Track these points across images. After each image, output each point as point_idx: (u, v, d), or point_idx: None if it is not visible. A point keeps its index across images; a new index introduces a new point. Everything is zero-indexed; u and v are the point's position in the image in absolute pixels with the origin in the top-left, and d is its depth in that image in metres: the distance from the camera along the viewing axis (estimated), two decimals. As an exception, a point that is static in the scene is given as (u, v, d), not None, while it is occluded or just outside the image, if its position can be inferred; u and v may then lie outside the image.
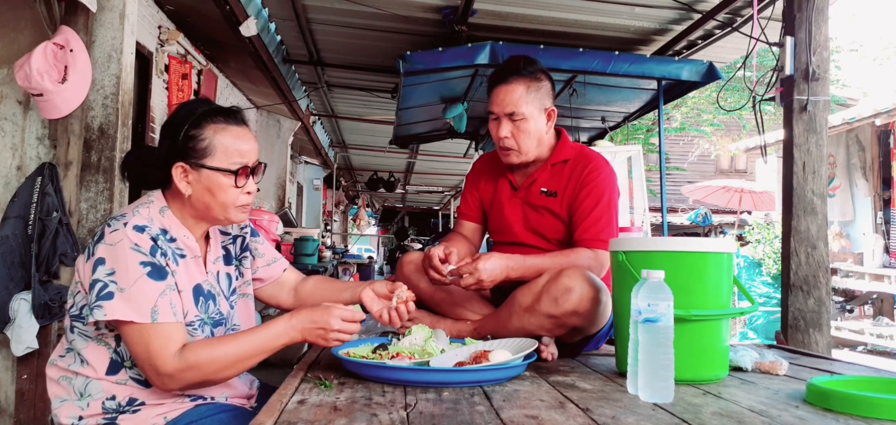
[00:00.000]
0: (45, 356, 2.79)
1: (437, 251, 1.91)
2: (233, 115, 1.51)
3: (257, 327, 1.45)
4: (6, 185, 2.99)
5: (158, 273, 1.37)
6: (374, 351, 1.62)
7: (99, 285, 1.33)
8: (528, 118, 2.03)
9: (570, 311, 1.77)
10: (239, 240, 1.68)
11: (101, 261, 1.35)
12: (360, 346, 1.68)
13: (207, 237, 1.58)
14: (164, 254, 1.40)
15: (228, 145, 1.46)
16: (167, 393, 1.42)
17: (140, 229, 1.38)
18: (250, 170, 1.50)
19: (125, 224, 1.37)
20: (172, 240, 1.46)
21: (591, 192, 2.03)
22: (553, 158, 2.11)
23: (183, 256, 1.47)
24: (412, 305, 1.59)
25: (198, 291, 1.48)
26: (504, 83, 2.04)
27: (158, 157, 1.49)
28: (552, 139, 2.15)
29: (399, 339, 1.66)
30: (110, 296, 1.32)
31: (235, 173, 1.46)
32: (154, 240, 1.39)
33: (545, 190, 2.11)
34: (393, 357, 1.55)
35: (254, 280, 1.71)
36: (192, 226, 1.51)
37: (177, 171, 1.45)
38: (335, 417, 1.13)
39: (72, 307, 1.44)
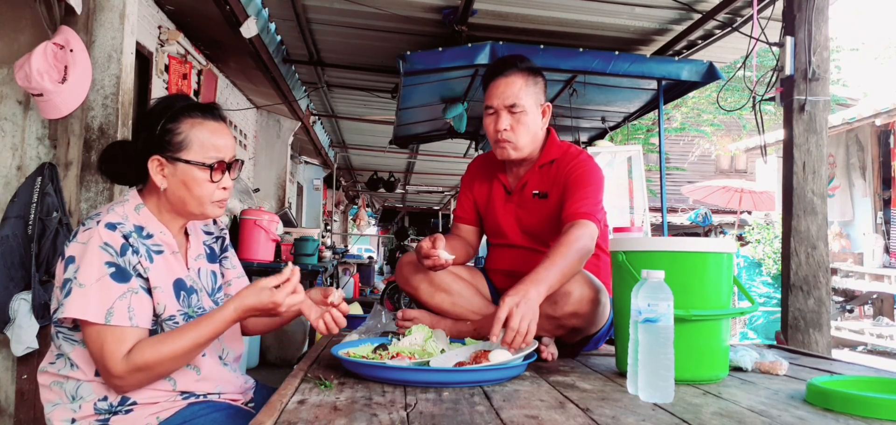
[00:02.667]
0: (45, 356, 2.79)
1: (425, 242, 1.91)
2: (210, 111, 1.51)
3: (203, 317, 1.42)
4: (6, 185, 2.99)
5: (122, 275, 1.36)
6: (374, 351, 1.62)
7: (66, 284, 1.35)
8: (527, 111, 2.03)
9: (569, 313, 1.78)
10: (220, 241, 1.70)
11: (71, 260, 1.36)
12: (360, 346, 1.68)
13: (187, 234, 1.58)
14: (136, 252, 1.40)
15: (205, 139, 1.47)
16: (159, 393, 1.42)
17: (112, 227, 1.38)
18: (226, 166, 1.50)
19: (98, 222, 1.38)
20: (149, 236, 1.46)
21: (578, 178, 2.00)
22: (542, 159, 2.10)
23: (160, 252, 1.47)
24: (346, 306, 1.55)
25: (179, 286, 1.48)
26: (502, 76, 2.04)
27: (134, 150, 1.50)
28: (543, 138, 2.14)
29: (399, 339, 1.66)
30: (70, 293, 1.33)
31: (211, 167, 1.46)
32: (126, 237, 1.39)
33: (537, 192, 2.09)
34: (393, 357, 1.55)
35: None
36: (169, 221, 1.51)
37: (153, 164, 1.46)
38: (335, 417, 1.13)
39: (55, 311, 1.44)
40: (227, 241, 1.72)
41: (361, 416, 1.14)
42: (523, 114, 2.02)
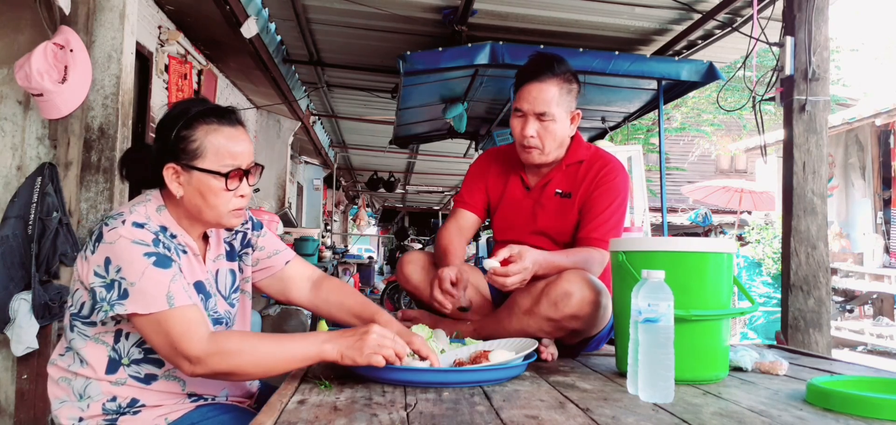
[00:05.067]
0: (45, 356, 2.79)
1: (450, 273, 1.83)
2: (227, 116, 1.47)
3: (295, 335, 1.39)
4: (6, 185, 2.99)
5: (164, 261, 1.34)
6: (374, 352, 1.61)
7: (116, 285, 1.32)
8: (557, 120, 1.97)
9: (569, 315, 1.76)
10: (240, 236, 1.66)
11: (108, 261, 1.33)
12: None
13: (206, 236, 1.57)
14: (167, 248, 1.38)
15: (220, 147, 1.42)
16: (168, 395, 1.42)
17: (139, 226, 1.36)
18: (244, 173, 1.46)
19: (123, 221, 1.36)
20: (173, 236, 1.44)
21: (604, 193, 2.00)
22: (568, 159, 2.07)
23: (184, 252, 1.46)
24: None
25: (199, 288, 1.47)
26: (537, 81, 1.96)
27: (150, 156, 1.48)
28: (568, 139, 2.10)
29: (399, 339, 1.66)
30: (126, 294, 1.31)
31: (226, 176, 1.43)
32: (155, 234, 1.37)
33: (560, 191, 2.06)
34: (393, 357, 1.54)
35: (254, 272, 1.69)
36: (188, 226, 1.49)
37: (168, 172, 1.43)
38: (335, 417, 1.13)
39: (71, 306, 1.43)
40: (249, 235, 1.67)
41: (361, 416, 1.14)
42: (552, 122, 1.96)
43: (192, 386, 1.45)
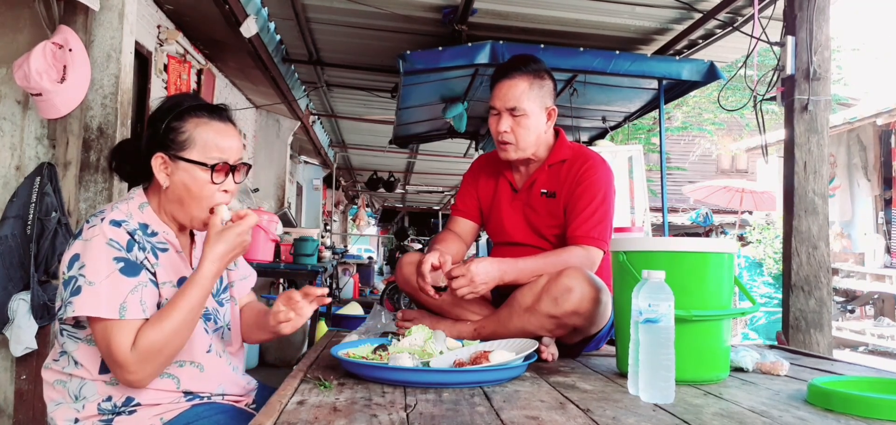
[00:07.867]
0: (44, 356, 2.78)
1: (432, 258, 1.85)
2: (217, 112, 1.49)
3: (188, 282, 1.39)
4: (5, 185, 2.98)
5: (132, 269, 1.35)
6: (374, 352, 1.61)
7: (73, 282, 1.32)
8: (529, 114, 2.02)
9: (570, 311, 1.77)
10: None
11: (75, 257, 1.34)
12: (360, 347, 1.67)
13: (192, 235, 1.57)
14: (143, 249, 1.39)
15: (208, 140, 1.44)
16: (163, 393, 1.41)
17: (117, 224, 1.37)
18: (230, 168, 1.47)
19: (102, 219, 1.37)
20: (153, 233, 1.45)
21: (586, 190, 2.02)
22: (551, 159, 2.11)
23: (165, 250, 1.46)
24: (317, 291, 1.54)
25: (183, 284, 1.47)
26: (506, 78, 2.04)
27: (140, 147, 1.48)
28: (551, 139, 2.14)
29: (399, 340, 1.66)
30: (78, 291, 1.31)
31: (212, 168, 1.43)
32: (131, 234, 1.38)
33: (545, 191, 2.09)
34: (393, 357, 1.54)
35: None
36: (169, 221, 1.50)
37: (156, 162, 1.44)
38: (335, 417, 1.13)
39: (60, 309, 1.43)
40: None
41: (361, 416, 1.14)
42: (524, 117, 2.02)
43: (188, 384, 1.45)
